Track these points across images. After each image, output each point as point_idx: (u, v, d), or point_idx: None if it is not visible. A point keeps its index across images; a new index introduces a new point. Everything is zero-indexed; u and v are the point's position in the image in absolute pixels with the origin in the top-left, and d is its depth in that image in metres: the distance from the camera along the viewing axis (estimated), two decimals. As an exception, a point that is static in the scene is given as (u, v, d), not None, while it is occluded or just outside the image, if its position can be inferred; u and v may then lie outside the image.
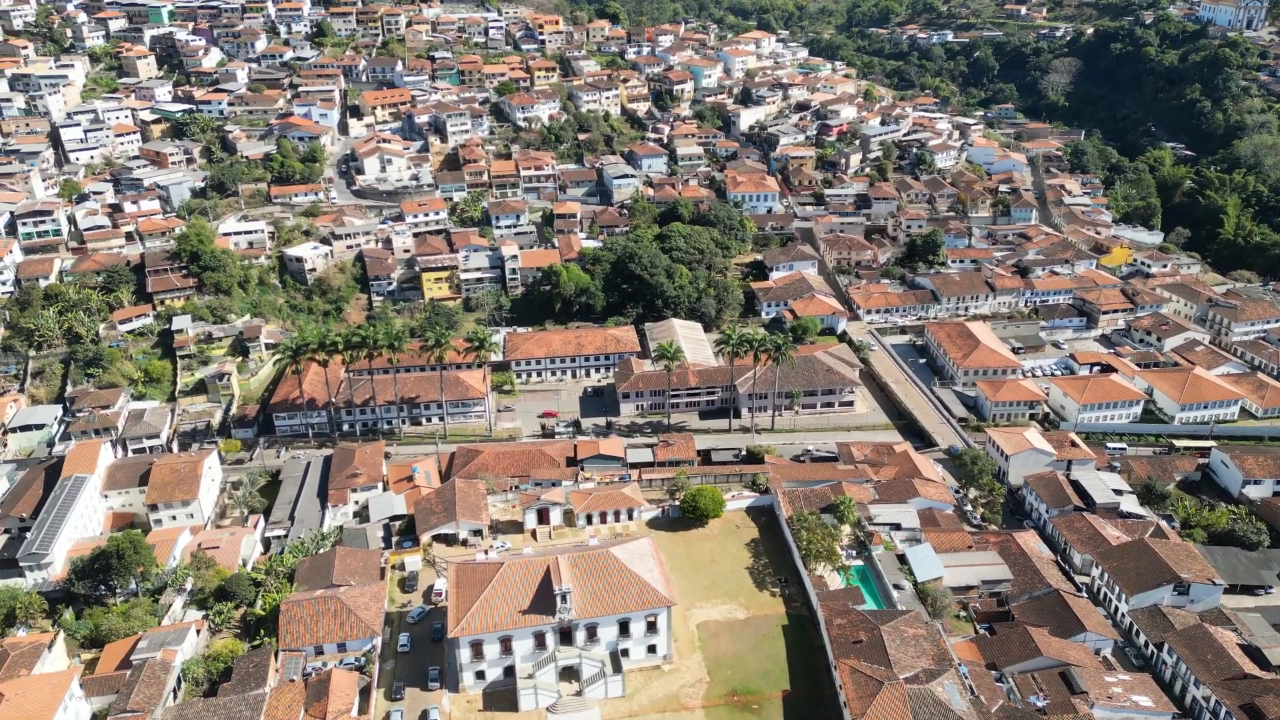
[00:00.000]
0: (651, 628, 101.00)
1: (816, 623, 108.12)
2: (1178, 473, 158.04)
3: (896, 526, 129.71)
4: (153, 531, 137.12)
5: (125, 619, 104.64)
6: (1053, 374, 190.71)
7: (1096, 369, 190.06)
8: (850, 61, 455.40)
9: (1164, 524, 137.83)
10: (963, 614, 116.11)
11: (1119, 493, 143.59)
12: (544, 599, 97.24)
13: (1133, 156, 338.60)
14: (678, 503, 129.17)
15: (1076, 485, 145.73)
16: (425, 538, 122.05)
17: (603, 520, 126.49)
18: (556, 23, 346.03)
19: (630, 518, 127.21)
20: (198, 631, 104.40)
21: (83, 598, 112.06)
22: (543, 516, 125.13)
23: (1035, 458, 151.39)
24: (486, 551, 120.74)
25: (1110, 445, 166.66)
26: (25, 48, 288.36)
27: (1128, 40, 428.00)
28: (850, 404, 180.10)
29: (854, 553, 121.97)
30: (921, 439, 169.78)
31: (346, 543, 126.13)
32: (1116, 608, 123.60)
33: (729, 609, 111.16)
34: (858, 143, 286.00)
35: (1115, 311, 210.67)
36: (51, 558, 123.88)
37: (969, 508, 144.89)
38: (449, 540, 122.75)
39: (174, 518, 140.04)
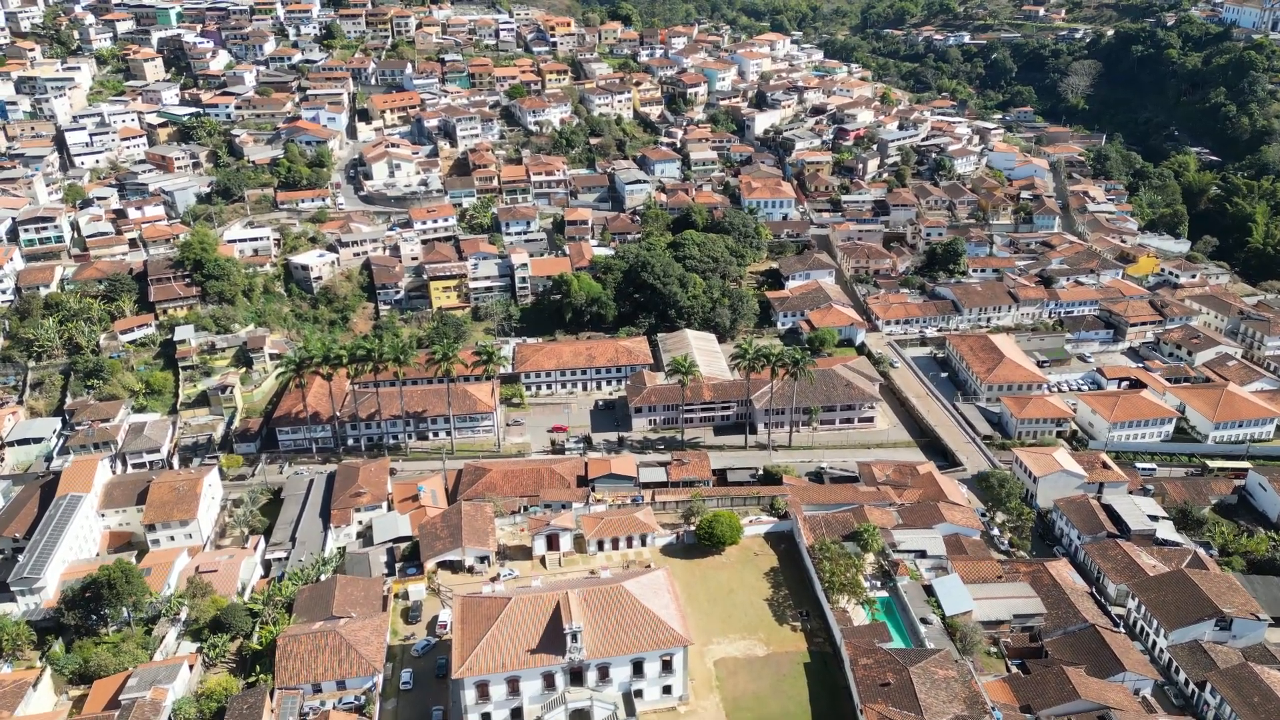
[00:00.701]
0: (667, 667, 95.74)
1: (840, 660, 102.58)
2: (1213, 495, 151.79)
3: (922, 554, 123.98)
4: (150, 553, 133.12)
5: (115, 653, 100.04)
6: (1079, 389, 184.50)
7: (1125, 384, 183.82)
8: (865, 63, 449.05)
9: (1201, 552, 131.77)
10: (993, 650, 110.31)
11: (1154, 518, 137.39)
12: (553, 637, 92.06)
13: (1155, 161, 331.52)
14: (693, 528, 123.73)
15: (1109, 510, 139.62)
16: (430, 565, 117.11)
17: (614, 546, 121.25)
18: (568, 24, 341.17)
19: (643, 544, 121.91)
20: (190, 667, 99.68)
21: (73, 628, 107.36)
22: (552, 542, 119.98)
23: (1065, 480, 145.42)
24: (495, 579, 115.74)
25: (1139, 465, 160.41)
26: (32, 50, 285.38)
27: (1149, 42, 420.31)
28: (870, 420, 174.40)
29: (878, 583, 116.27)
30: (944, 457, 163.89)
31: (348, 568, 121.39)
32: (1154, 643, 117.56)
33: (748, 645, 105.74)
34: (875, 148, 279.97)
35: (1143, 324, 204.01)
36: (44, 582, 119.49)
37: (996, 532, 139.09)
38: (455, 567, 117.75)
39: (172, 538, 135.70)
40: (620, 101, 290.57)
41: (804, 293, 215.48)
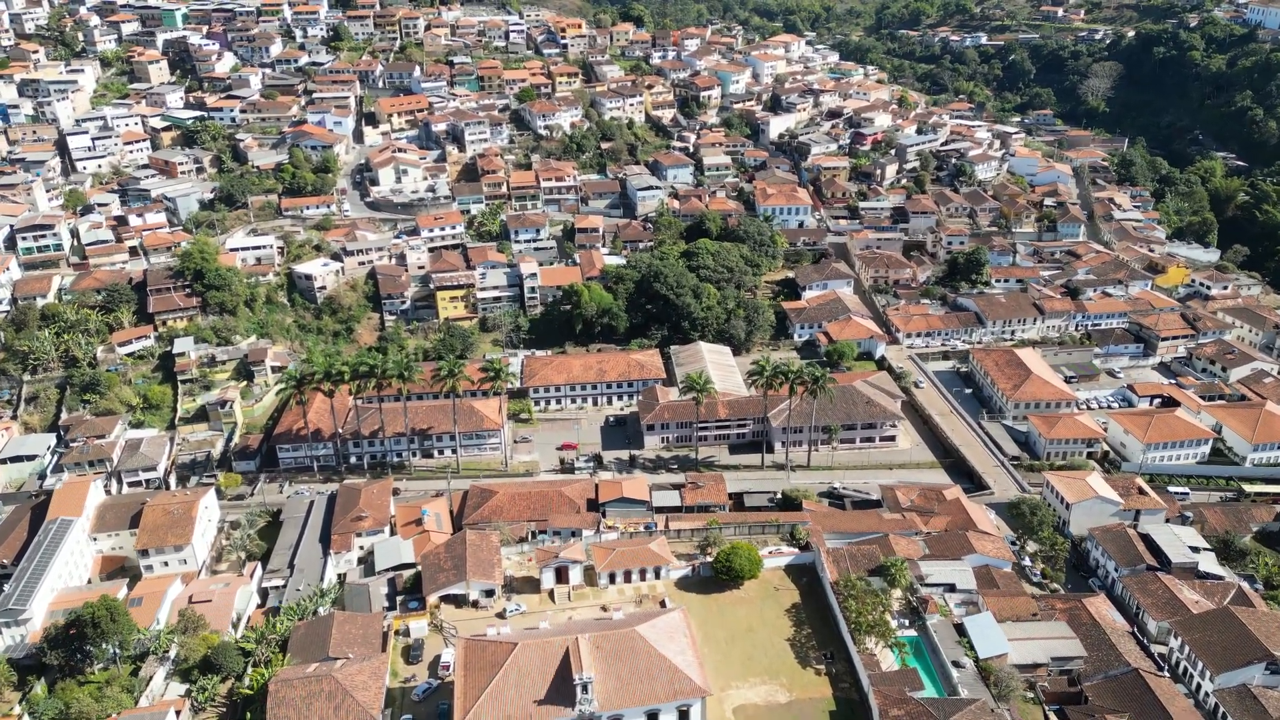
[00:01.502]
0: (684, 718, 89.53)
1: (867, 708, 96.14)
2: (1254, 523, 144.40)
3: (951, 588, 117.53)
4: (142, 580, 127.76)
5: (99, 697, 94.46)
6: (1110, 407, 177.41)
7: (1157, 402, 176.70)
8: (880, 65, 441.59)
9: (1246, 586, 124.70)
10: (1029, 695, 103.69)
11: (1195, 549, 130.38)
12: (562, 687, 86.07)
13: (1180, 166, 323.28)
14: (710, 559, 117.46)
15: (1147, 540, 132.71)
16: (433, 598, 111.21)
17: (627, 579, 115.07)
18: (579, 26, 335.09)
19: (657, 576, 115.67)
20: (177, 713, 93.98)
21: (57, 667, 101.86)
22: (561, 575, 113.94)
23: (1100, 507, 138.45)
24: (501, 614, 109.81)
25: (1172, 489, 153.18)
26: (36, 52, 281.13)
27: (1171, 44, 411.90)
28: (892, 439, 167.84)
29: (906, 621, 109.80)
30: (970, 480, 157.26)
31: (347, 600, 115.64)
32: (1199, 685, 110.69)
33: (769, 690, 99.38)
34: (893, 153, 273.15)
35: (1175, 338, 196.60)
36: (30, 613, 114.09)
37: (1028, 562, 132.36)
38: (459, 601, 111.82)
39: (165, 564, 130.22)
40: (632, 105, 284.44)
41: (821, 303, 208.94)
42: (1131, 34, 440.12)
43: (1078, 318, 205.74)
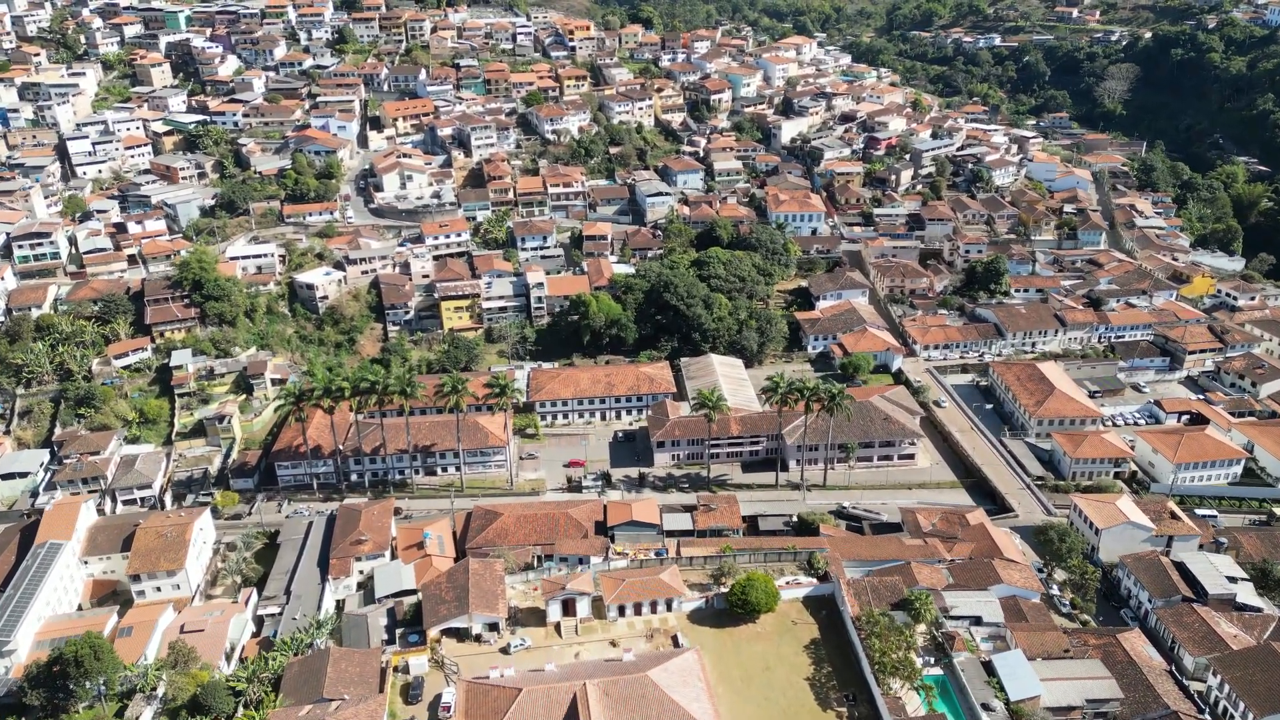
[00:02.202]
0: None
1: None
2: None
3: (977, 621, 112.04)
4: (133, 607, 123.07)
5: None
6: (1136, 423, 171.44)
7: (1185, 419, 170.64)
8: (892, 66, 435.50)
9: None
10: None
11: (1232, 579, 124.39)
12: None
13: (1200, 171, 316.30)
14: (724, 590, 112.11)
15: (1181, 568, 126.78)
16: (433, 632, 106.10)
17: (637, 612, 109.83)
18: (587, 28, 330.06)
19: (669, 609, 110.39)
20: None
21: (39, 707, 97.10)
22: (568, 607, 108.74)
23: (1130, 533, 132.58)
24: (506, 649, 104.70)
25: (1200, 512, 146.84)
26: (37, 55, 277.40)
27: (1189, 45, 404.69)
28: (911, 457, 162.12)
29: (931, 659, 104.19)
30: (993, 500, 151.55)
31: (345, 632, 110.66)
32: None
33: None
34: (908, 158, 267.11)
35: (1203, 351, 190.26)
36: (15, 644, 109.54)
37: (1056, 591, 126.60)
38: (461, 635, 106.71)
39: (158, 589, 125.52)
40: (641, 109, 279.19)
41: (836, 314, 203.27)
42: (1148, 35, 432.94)
43: (1100, 329, 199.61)
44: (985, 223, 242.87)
